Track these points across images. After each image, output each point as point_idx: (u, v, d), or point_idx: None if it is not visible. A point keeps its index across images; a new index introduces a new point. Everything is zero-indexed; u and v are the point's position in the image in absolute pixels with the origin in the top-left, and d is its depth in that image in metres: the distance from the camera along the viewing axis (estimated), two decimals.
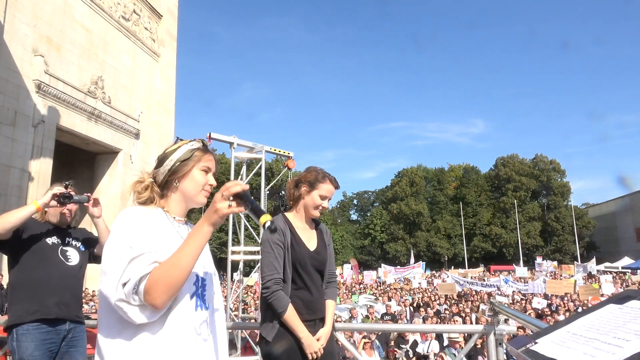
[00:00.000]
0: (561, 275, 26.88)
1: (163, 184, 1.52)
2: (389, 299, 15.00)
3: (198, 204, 1.57)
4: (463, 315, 10.92)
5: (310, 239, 2.46)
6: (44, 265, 2.76)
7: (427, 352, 7.80)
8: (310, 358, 2.27)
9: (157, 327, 1.33)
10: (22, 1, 14.27)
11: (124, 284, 1.27)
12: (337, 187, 2.50)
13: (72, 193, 2.83)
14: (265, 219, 1.37)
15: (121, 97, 18.77)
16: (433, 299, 15.65)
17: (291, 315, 2.26)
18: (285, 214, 2.50)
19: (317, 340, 2.30)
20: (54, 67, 15.26)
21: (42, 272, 2.74)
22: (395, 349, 8.00)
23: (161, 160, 1.53)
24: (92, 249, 3.08)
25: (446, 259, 55.78)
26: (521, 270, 30.10)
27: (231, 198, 1.36)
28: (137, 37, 20.12)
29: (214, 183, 1.57)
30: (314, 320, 2.37)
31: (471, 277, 23.07)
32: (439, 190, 62.67)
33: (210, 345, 1.46)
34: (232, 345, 7.04)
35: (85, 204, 2.88)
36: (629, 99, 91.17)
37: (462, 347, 6.55)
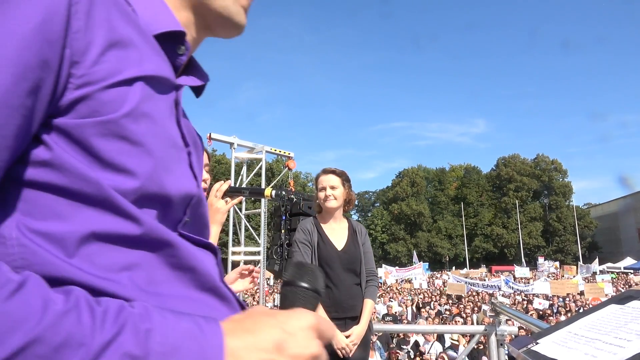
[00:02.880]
0: (563, 276, 26.83)
1: None
2: (390, 300, 14.98)
3: None
4: (464, 316, 10.90)
5: (339, 239, 2.51)
6: None
7: (429, 353, 7.78)
8: (340, 355, 2.24)
9: None
10: None
11: None
12: (327, 172, 2.55)
13: None
14: (269, 191, 1.54)
15: None
16: (434, 300, 15.63)
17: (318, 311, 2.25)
18: (317, 216, 2.61)
19: (348, 337, 2.28)
20: None
21: None
22: (397, 350, 7.98)
23: None
24: None
25: (447, 259, 55.72)
26: (521, 270, 29.99)
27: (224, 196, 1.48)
28: None
29: (208, 177, 1.52)
30: (344, 319, 2.36)
31: (471, 278, 23.00)
32: (440, 191, 62.67)
33: None
34: None
35: None
36: (630, 99, 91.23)
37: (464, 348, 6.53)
